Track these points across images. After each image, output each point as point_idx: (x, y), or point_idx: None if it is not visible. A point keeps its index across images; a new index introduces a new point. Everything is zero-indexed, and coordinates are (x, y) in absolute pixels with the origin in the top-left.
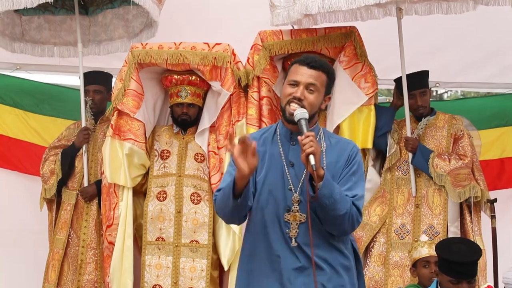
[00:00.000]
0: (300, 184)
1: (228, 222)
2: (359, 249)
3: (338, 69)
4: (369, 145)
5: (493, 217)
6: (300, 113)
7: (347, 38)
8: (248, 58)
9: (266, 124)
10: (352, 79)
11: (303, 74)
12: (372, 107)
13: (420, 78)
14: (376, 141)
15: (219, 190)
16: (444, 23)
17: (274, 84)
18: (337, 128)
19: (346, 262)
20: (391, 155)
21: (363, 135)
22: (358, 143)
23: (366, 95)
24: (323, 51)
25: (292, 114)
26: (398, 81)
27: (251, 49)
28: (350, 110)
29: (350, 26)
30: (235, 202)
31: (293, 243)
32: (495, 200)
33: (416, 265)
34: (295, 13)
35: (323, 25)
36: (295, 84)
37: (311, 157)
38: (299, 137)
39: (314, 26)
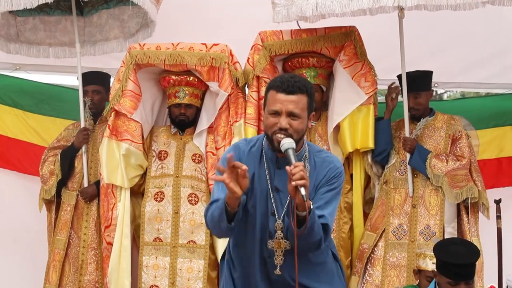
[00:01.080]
0: (284, 210)
1: (218, 237)
2: (362, 259)
3: (338, 68)
4: (371, 144)
5: (498, 217)
6: (287, 143)
7: (347, 37)
8: (248, 58)
9: None
10: (352, 78)
11: (283, 102)
12: (371, 106)
13: (417, 79)
14: (380, 161)
15: (211, 203)
16: (444, 24)
17: None
18: (337, 127)
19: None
20: (391, 166)
21: (362, 135)
22: (358, 143)
23: (366, 94)
24: (323, 50)
25: (280, 143)
26: (400, 77)
27: (251, 49)
28: (349, 109)
29: (350, 26)
30: (229, 227)
31: (277, 272)
32: (500, 200)
33: (420, 272)
34: (293, 14)
35: (329, 20)
36: (276, 113)
37: (302, 189)
38: (287, 168)
39: (320, 20)
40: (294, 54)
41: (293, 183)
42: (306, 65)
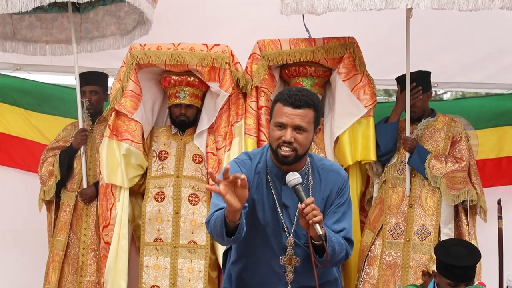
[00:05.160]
0: (293, 226)
1: (224, 245)
2: (362, 257)
3: (337, 81)
4: (372, 157)
5: (499, 217)
6: (293, 179)
7: (346, 49)
8: (247, 67)
9: (265, 134)
10: (351, 91)
11: (289, 115)
12: (371, 118)
13: (416, 81)
14: (384, 161)
15: (214, 211)
16: (443, 24)
17: (272, 93)
18: (337, 140)
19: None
20: (391, 165)
21: (363, 147)
22: (358, 156)
23: (366, 107)
24: (322, 61)
25: (285, 156)
26: (400, 79)
27: (249, 58)
28: (349, 122)
29: (348, 37)
30: (230, 240)
31: None
32: (499, 201)
33: (430, 276)
34: (303, 9)
35: (333, 14)
36: (282, 126)
37: (317, 226)
38: (299, 206)
39: (326, 13)
40: (292, 63)
41: (308, 220)
42: (303, 74)
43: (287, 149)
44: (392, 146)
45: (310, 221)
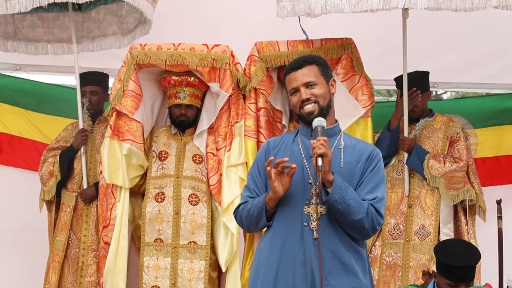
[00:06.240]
0: (319, 178)
1: (250, 232)
2: None
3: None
4: None
5: (499, 217)
6: (317, 121)
7: (344, 50)
8: (245, 69)
9: (264, 135)
10: (349, 92)
11: (296, 78)
12: (369, 119)
13: (413, 82)
14: (385, 164)
15: (242, 203)
16: (442, 24)
17: (270, 95)
18: None
19: (362, 264)
20: (390, 166)
21: None
22: None
23: (364, 107)
24: None
25: (310, 113)
26: (398, 80)
27: (248, 60)
28: (348, 123)
29: (346, 38)
30: (268, 224)
31: (315, 235)
32: (500, 200)
33: (431, 276)
34: (300, 11)
35: (330, 16)
36: (295, 90)
37: (319, 159)
38: (311, 141)
39: (322, 15)
40: None
41: (314, 152)
42: None
43: (308, 105)
44: (393, 150)
45: (314, 152)
